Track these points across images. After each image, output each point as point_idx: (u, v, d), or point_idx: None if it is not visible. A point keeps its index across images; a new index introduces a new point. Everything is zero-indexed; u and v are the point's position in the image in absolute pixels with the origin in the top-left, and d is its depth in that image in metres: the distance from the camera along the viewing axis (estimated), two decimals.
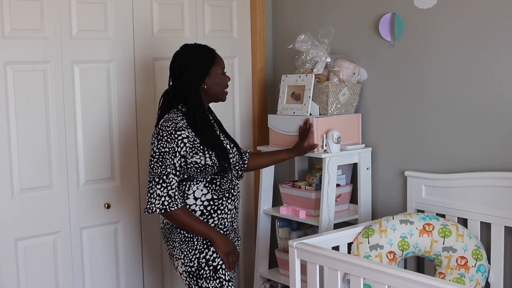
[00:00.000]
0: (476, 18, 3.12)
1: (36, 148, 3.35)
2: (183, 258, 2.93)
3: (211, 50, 3.02)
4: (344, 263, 2.67)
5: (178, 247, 2.94)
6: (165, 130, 2.84)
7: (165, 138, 2.83)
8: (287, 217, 3.77)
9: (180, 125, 2.87)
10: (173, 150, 2.82)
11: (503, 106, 3.07)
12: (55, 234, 3.45)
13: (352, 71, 3.61)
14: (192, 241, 2.91)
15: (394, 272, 2.45)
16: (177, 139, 2.83)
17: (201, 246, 2.91)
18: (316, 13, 3.94)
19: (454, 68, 3.24)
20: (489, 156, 3.14)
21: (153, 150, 2.85)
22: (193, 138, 2.87)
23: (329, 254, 2.74)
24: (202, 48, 3.02)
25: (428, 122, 3.39)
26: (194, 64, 2.96)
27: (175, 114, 2.93)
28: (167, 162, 2.81)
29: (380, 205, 3.68)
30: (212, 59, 2.99)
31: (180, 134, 2.84)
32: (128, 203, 3.71)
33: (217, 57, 3.02)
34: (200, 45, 3.05)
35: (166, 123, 2.87)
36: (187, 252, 2.92)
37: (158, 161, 2.82)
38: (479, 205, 3.14)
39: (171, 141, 2.82)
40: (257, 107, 4.23)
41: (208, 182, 2.93)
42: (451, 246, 3.06)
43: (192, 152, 2.85)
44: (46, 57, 3.34)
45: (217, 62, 3.00)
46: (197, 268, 2.90)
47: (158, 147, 2.83)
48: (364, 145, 3.66)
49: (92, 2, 3.48)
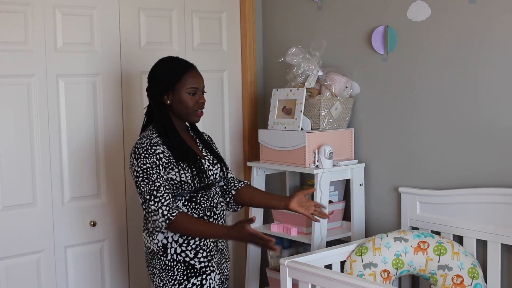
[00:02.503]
0: (470, 32, 3.15)
1: (19, 164, 3.33)
2: (162, 286, 2.89)
3: (183, 66, 2.96)
4: (337, 282, 2.67)
5: (158, 274, 2.90)
6: (141, 147, 2.83)
7: (143, 155, 2.81)
8: (278, 234, 3.76)
9: (155, 141, 2.86)
10: (154, 164, 2.80)
11: (498, 121, 3.09)
12: (38, 253, 3.43)
13: (345, 85, 3.61)
14: (172, 271, 2.87)
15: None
16: (154, 153, 2.82)
17: (181, 277, 2.86)
18: (307, 25, 3.96)
19: (448, 82, 3.26)
20: (485, 172, 3.15)
21: (135, 171, 2.83)
22: (168, 154, 2.85)
23: (322, 273, 2.74)
24: (174, 62, 2.98)
25: (422, 137, 3.40)
26: (159, 76, 2.95)
27: (150, 132, 2.93)
28: (154, 176, 2.79)
29: (374, 222, 3.68)
30: (178, 75, 2.91)
31: (156, 149, 2.83)
32: (114, 221, 3.70)
33: (186, 75, 2.92)
34: (174, 58, 3.01)
35: (140, 140, 2.87)
36: (166, 281, 2.88)
37: (144, 178, 2.79)
38: (475, 222, 3.15)
39: (150, 156, 2.81)
40: (247, 122, 4.23)
41: (186, 200, 2.89)
42: (447, 264, 3.07)
43: (168, 167, 2.83)
44: (30, 71, 3.34)
45: (184, 80, 2.91)
46: None
47: (139, 165, 2.81)
48: (357, 161, 3.67)
49: (77, 14, 3.48)
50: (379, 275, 3.09)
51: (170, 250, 2.87)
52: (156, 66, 3.00)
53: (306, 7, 3.94)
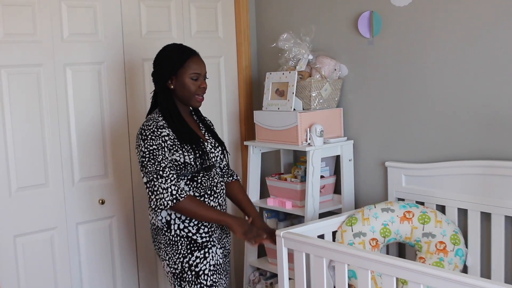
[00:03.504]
0: (450, 15, 3.14)
1: (31, 148, 3.35)
2: (168, 260, 2.90)
3: (186, 53, 2.94)
4: (329, 251, 2.67)
5: (163, 248, 2.91)
6: (148, 129, 2.82)
7: (150, 137, 2.80)
8: (274, 208, 3.79)
9: (161, 124, 2.85)
10: (160, 146, 2.79)
11: (477, 99, 3.09)
12: (52, 230, 3.45)
13: (333, 67, 3.62)
14: (176, 245, 2.88)
15: (377, 258, 2.46)
16: (160, 136, 2.81)
17: (185, 251, 2.87)
18: (297, 12, 3.94)
19: (429, 64, 3.26)
20: (464, 146, 3.16)
21: (141, 151, 2.81)
22: (173, 136, 2.85)
23: (315, 242, 2.75)
24: (177, 49, 2.96)
25: (406, 115, 3.41)
26: (163, 62, 2.94)
27: (156, 115, 2.92)
28: (159, 157, 2.78)
29: (363, 195, 3.69)
30: (181, 61, 2.90)
31: (161, 131, 2.82)
32: (121, 199, 3.72)
33: (189, 61, 2.91)
34: (177, 45, 3.00)
35: (147, 122, 2.86)
36: (172, 255, 2.88)
37: (151, 158, 2.78)
38: (456, 192, 3.15)
39: (156, 138, 2.80)
40: (243, 104, 4.24)
41: (189, 180, 2.88)
42: (430, 232, 3.08)
43: (173, 149, 2.82)
44: (39, 60, 3.34)
45: (187, 65, 2.90)
46: (180, 271, 2.88)
47: (146, 146, 2.80)
48: (346, 138, 3.67)
49: (82, 6, 3.48)
50: (368, 243, 3.10)
51: (174, 226, 2.87)
52: (161, 52, 2.99)
53: None
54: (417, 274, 2.33)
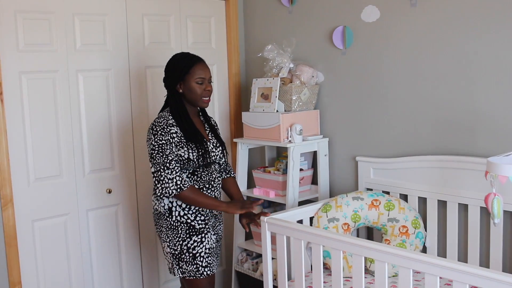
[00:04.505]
0: (411, 30, 3.16)
1: (48, 144, 3.33)
2: (168, 242, 2.87)
3: (192, 60, 2.89)
4: (307, 234, 2.67)
5: (165, 231, 2.89)
6: (159, 125, 2.79)
7: (160, 132, 2.77)
8: (259, 197, 3.76)
9: (171, 122, 2.82)
10: (168, 142, 2.76)
11: (434, 103, 3.10)
12: (65, 216, 3.44)
13: (311, 74, 3.61)
14: (176, 230, 2.85)
15: (348, 240, 2.46)
16: (169, 132, 2.78)
17: (184, 235, 2.85)
18: (280, 26, 3.94)
19: (394, 71, 3.26)
20: (425, 143, 3.17)
21: (151, 144, 2.78)
22: (180, 134, 2.82)
23: (294, 226, 2.75)
24: (184, 57, 2.91)
25: (374, 116, 3.41)
26: (172, 69, 2.90)
27: (166, 113, 2.89)
28: (167, 151, 2.75)
29: (336, 185, 3.69)
30: (187, 68, 2.86)
31: (171, 129, 2.80)
32: (126, 189, 3.71)
33: (194, 68, 2.87)
34: (184, 54, 2.95)
35: (158, 119, 2.83)
36: (172, 238, 2.86)
37: (159, 151, 2.75)
38: (417, 183, 3.16)
39: (165, 134, 2.77)
40: (233, 106, 4.23)
41: (190, 174, 2.86)
42: (395, 217, 3.10)
43: (179, 145, 2.79)
44: (54, 67, 3.32)
45: (192, 72, 2.86)
46: (179, 252, 2.85)
47: (156, 140, 2.77)
48: (322, 136, 3.67)
49: (92, 20, 3.46)
50: (341, 228, 3.11)
51: (175, 212, 2.85)
52: (170, 60, 2.93)
53: (280, 12, 3.93)
54: (382, 254, 2.33)
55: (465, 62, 2.95)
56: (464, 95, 2.97)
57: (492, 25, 2.82)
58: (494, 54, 2.83)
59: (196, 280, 2.89)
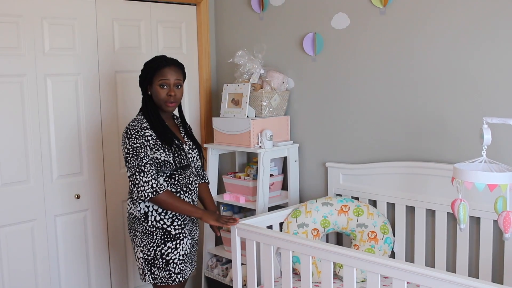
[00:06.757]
0: (380, 37, 3.19)
1: (15, 149, 3.30)
2: (142, 246, 2.85)
3: (160, 63, 2.86)
4: (276, 239, 2.67)
5: (139, 236, 2.86)
6: (133, 129, 2.78)
7: (134, 135, 2.76)
8: (229, 202, 3.78)
9: (145, 125, 2.82)
10: (143, 145, 2.75)
11: (403, 109, 3.13)
12: (32, 221, 3.40)
13: (282, 80, 3.62)
14: (152, 235, 2.84)
15: (317, 245, 2.47)
16: (144, 135, 2.77)
17: (159, 240, 2.83)
18: (251, 32, 3.95)
19: (363, 77, 3.29)
20: (393, 149, 3.20)
21: (126, 148, 2.76)
22: (155, 137, 2.81)
23: (264, 232, 2.74)
24: (155, 60, 2.90)
25: (344, 122, 3.42)
26: (143, 71, 2.91)
27: (141, 116, 2.88)
28: (142, 154, 2.73)
29: (306, 191, 3.70)
30: (153, 70, 2.85)
31: (145, 132, 2.79)
32: (95, 194, 3.67)
33: (160, 71, 2.84)
34: (159, 57, 2.92)
35: (133, 123, 2.82)
36: (146, 243, 2.84)
37: (134, 155, 2.73)
38: (386, 189, 3.18)
39: (140, 137, 2.76)
40: (203, 111, 4.22)
41: (167, 177, 2.84)
42: (363, 223, 3.11)
43: (154, 148, 2.78)
44: (22, 71, 3.29)
45: (157, 74, 2.84)
46: (153, 257, 2.84)
47: (130, 144, 2.75)
48: (292, 142, 3.68)
49: (62, 24, 3.44)
50: (310, 233, 3.12)
51: (151, 217, 2.83)
52: (145, 62, 2.94)
53: (250, 18, 3.94)
54: (351, 259, 2.35)
55: (432, 71, 2.98)
56: (431, 102, 3.00)
57: (460, 34, 2.86)
58: (461, 63, 2.87)
59: (168, 286, 2.88)
